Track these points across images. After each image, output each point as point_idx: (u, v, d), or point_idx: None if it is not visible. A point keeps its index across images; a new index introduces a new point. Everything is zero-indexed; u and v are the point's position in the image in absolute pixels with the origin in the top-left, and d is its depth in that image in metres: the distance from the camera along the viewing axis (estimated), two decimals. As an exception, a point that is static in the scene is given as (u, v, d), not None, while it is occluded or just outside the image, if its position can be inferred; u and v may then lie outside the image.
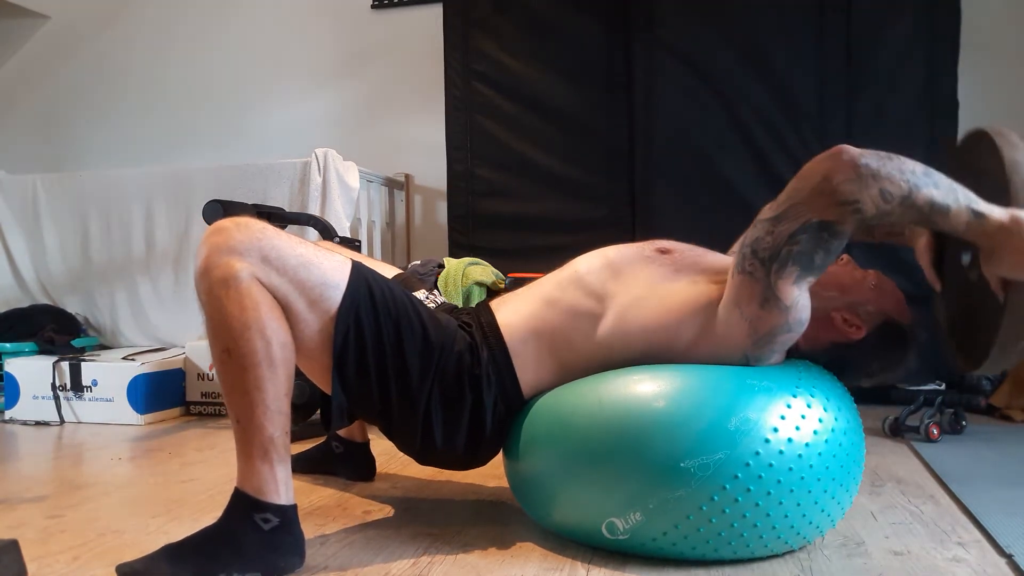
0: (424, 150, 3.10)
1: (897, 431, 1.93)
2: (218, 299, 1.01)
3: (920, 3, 2.35)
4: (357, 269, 1.11)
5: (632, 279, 1.18)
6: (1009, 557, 1.09)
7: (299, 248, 1.07)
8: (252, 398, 1.01)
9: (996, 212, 0.94)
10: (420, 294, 1.45)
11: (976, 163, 1.07)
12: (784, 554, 1.11)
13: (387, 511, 1.37)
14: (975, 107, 2.51)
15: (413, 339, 1.12)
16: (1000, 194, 0.97)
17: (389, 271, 1.55)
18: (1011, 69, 2.65)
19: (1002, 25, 2.65)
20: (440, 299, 1.46)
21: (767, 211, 1.04)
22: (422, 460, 1.23)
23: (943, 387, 2.39)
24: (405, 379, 1.12)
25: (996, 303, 0.98)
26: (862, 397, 2.35)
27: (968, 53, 2.40)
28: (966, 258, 1.05)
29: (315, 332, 1.07)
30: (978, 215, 0.94)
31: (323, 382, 1.12)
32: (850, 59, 2.38)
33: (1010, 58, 2.65)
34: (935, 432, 1.87)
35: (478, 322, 1.22)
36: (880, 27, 2.37)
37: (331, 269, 1.08)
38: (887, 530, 1.23)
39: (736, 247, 1.22)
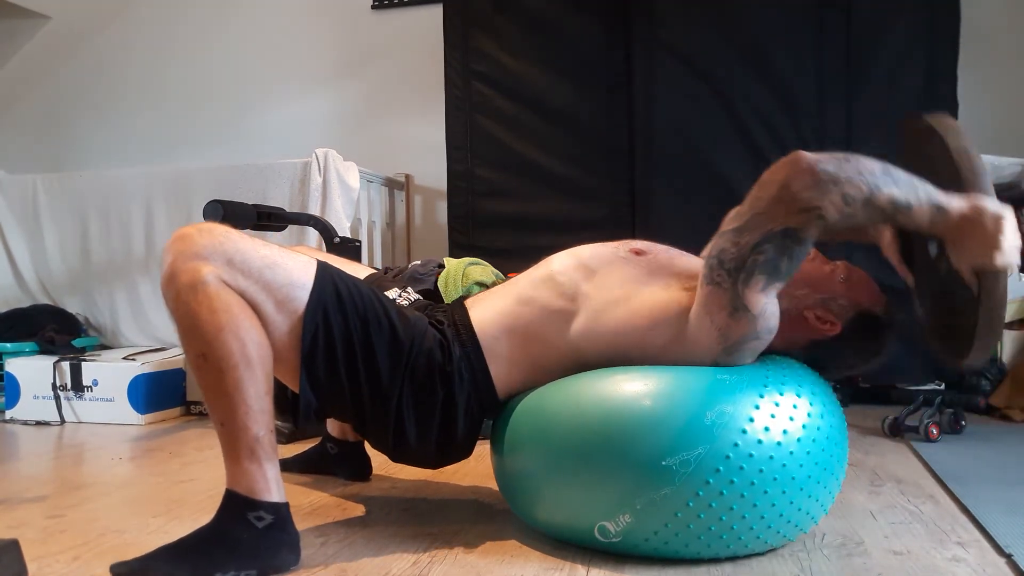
0: (424, 150, 3.10)
1: (896, 431, 1.93)
2: (187, 304, 1.01)
3: (920, 3, 2.35)
4: (322, 268, 1.12)
5: (606, 280, 1.18)
6: (1008, 557, 1.09)
7: (263, 250, 1.07)
8: (233, 400, 1.01)
9: (956, 203, 0.95)
10: (392, 292, 1.44)
11: (922, 153, 1.07)
12: (783, 553, 1.12)
13: (387, 511, 1.37)
14: (975, 107, 2.51)
15: (381, 336, 1.12)
16: (950, 182, 0.98)
17: (362, 272, 1.55)
18: (1011, 69, 2.65)
19: (1002, 25, 2.65)
20: (413, 296, 1.45)
21: (731, 221, 1.04)
22: (395, 457, 1.22)
23: (942, 387, 2.39)
24: (375, 376, 1.12)
25: (969, 293, 0.99)
26: (861, 397, 2.38)
27: (968, 53, 2.41)
28: (933, 249, 1.05)
29: (284, 333, 1.07)
30: (940, 209, 0.94)
31: (293, 382, 1.12)
32: (850, 59, 2.38)
33: (1010, 58, 2.65)
34: (934, 432, 1.87)
35: (451, 320, 1.22)
36: (880, 27, 2.37)
37: (296, 269, 1.09)
38: (886, 530, 1.23)
39: (705, 253, 1.21)
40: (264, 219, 1.96)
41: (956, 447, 1.81)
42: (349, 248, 2.00)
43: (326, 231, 2.04)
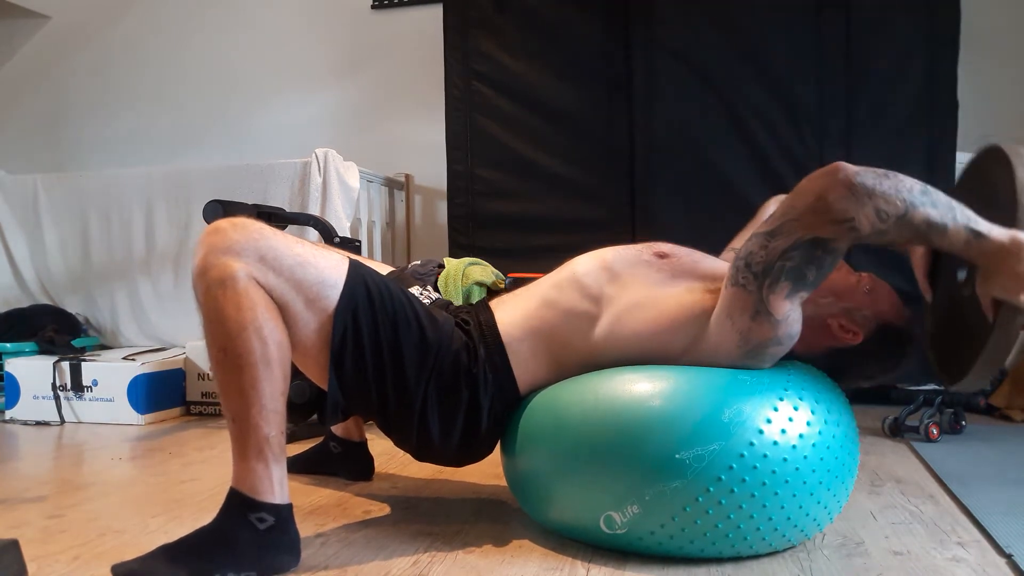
0: (424, 150, 3.10)
1: (897, 431, 1.94)
2: (215, 299, 1.01)
3: (920, 3, 2.34)
4: (354, 267, 1.12)
5: (629, 283, 1.18)
6: (1009, 557, 1.10)
7: (296, 248, 1.07)
8: (248, 397, 1.02)
9: (996, 232, 0.94)
10: (414, 290, 1.44)
11: (987, 179, 1.07)
12: (784, 554, 1.12)
13: (387, 511, 1.37)
14: (975, 107, 2.51)
15: (410, 337, 1.13)
16: (1006, 213, 0.97)
17: (383, 270, 1.55)
18: (1011, 69, 2.65)
19: (1002, 25, 2.65)
20: (434, 295, 1.46)
21: (763, 225, 1.04)
22: (419, 456, 1.23)
23: (943, 387, 2.39)
24: (402, 376, 1.13)
25: (984, 322, 0.99)
26: (861, 397, 2.37)
27: (968, 53, 2.40)
28: (962, 274, 1.05)
29: (313, 331, 1.08)
30: (977, 235, 0.93)
31: (321, 379, 1.13)
32: (850, 59, 2.38)
33: (1010, 58, 2.65)
34: (935, 432, 1.87)
35: (476, 320, 1.23)
36: (880, 27, 2.37)
37: (328, 268, 1.09)
38: (887, 530, 1.23)
39: (728, 252, 1.21)
40: (264, 219, 1.94)
41: (956, 447, 1.81)
42: (349, 248, 2.00)
43: (326, 231, 2.03)
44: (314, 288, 1.07)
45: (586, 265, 1.23)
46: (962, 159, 2.36)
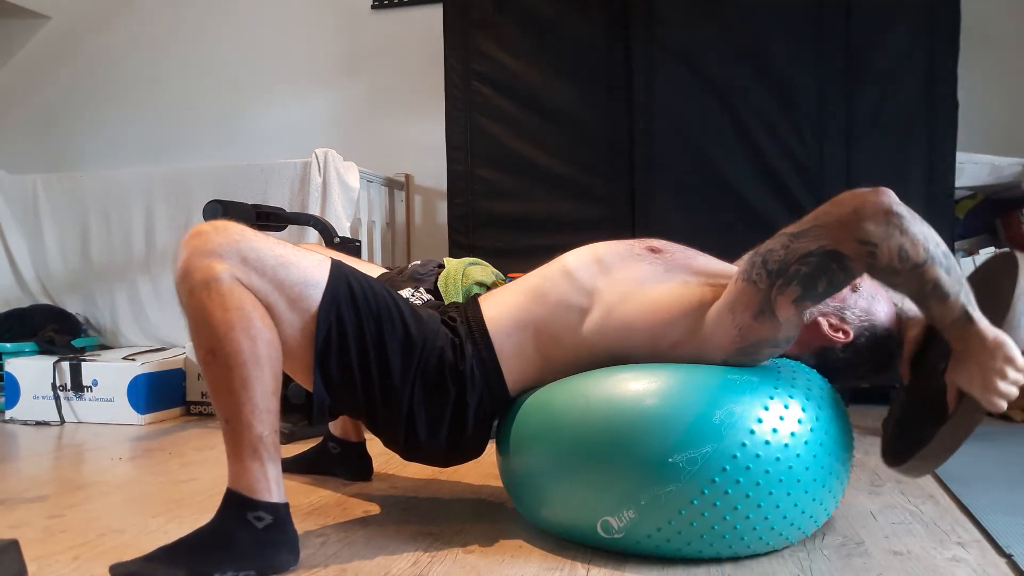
0: (424, 150, 3.10)
1: (897, 431, 1.93)
2: (200, 300, 1.01)
3: (920, 3, 2.35)
4: (337, 267, 1.12)
5: (621, 276, 1.18)
6: (1009, 557, 1.09)
7: (278, 249, 1.08)
8: (239, 397, 1.01)
9: (984, 324, 0.95)
10: (406, 292, 1.44)
11: (993, 279, 1.08)
12: (783, 553, 1.12)
13: (387, 511, 1.37)
14: (975, 107, 2.51)
15: (394, 335, 1.13)
16: (999, 311, 0.99)
17: (374, 271, 1.55)
18: (1011, 69, 2.65)
19: (1002, 25, 2.65)
20: (426, 296, 1.46)
21: (792, 226, 1.04)
22: (406, 456, 1.23)
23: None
24: (387, 375, 1.13)
25: (943, 412, 1.00)
26: (861, 397, 2.37)
27: (968, 53, 2.40)
28: (942, 366, 1.06)
29: (297, 331, 1.08)
30: (968, 319, 0.95)
31: (306, 380, 1.13)
32: (850, 59, 2.38)
33: (1010, 58, 2.65)
34: (935, 432, 1.87)
35: (464, 317, 1.22)
36: (880, 27, 2.37)
37: (310, 268, 1.09)
38: (887, 530, 1.23)
39: (747, 255, 1.22)
40: (264, 219, 1.96)
41: (956, 447, 1.80)
42: (349, 248, 2.00)
43: (326, 231, 2.03)
44: (297, 288, 1.07)
45: (578, 258, 1.22)
46: (962, 159, 2.36)
